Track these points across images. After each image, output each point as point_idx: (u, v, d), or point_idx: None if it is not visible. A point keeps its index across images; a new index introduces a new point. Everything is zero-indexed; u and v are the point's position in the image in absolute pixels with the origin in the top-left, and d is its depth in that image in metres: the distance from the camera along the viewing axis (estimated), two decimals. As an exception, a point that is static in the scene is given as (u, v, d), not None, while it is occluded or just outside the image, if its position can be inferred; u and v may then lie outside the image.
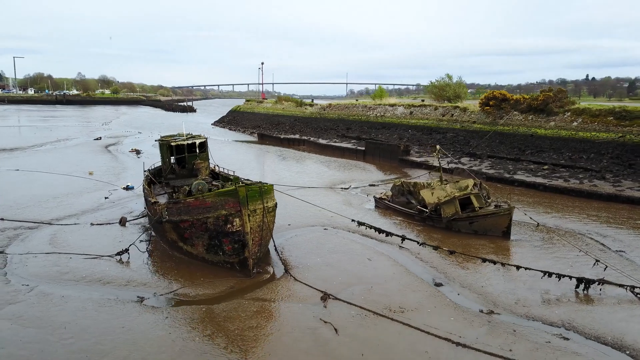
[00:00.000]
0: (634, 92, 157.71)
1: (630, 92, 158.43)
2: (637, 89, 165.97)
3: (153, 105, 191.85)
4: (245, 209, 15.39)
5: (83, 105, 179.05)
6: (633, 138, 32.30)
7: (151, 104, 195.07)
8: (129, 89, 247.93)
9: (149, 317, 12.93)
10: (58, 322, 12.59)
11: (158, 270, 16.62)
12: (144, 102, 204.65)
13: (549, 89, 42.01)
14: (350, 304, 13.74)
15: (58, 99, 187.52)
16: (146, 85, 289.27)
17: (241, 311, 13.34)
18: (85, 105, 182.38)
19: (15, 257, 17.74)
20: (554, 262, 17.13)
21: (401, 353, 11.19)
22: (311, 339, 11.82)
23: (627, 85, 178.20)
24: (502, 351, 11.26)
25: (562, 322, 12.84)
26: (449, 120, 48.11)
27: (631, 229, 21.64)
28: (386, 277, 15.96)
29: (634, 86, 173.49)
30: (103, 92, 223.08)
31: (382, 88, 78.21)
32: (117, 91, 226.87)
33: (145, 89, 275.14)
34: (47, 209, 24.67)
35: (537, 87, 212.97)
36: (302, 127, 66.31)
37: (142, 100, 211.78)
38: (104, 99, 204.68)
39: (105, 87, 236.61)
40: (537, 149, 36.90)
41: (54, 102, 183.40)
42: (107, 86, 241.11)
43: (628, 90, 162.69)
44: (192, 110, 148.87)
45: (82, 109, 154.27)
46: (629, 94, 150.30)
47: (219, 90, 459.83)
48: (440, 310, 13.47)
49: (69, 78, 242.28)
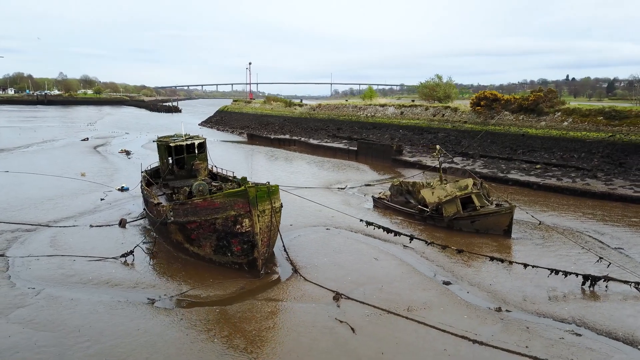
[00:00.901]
0: (612, 92, 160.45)
1: (609, 92, 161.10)
2: (616, 89, 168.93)
3: (137, 105, 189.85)
4: (255, 209, 15.37)
5: (65, 106, 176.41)
6: (623, 137, 32.94)
7: (135, 104, 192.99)
8: (112, 89, 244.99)
9: (164, 319, 12.84)
10: (71, 325, 12.44)
11: (165, 271, 16.49)
12: (128, 103, 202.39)
13: (539, 89, 42.63)
14: (363, 304, 13.80)
15: (39, 99, 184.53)
16: (129, 86, 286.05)
17: (255, 312, 13.32)
18: (67, 105, 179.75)
19: (17, 260, 17.46)
20: (557, 259, 17.39)
21: (421, 351, 11.29)
22: (330, 338, 11.86)
23: (606, 85, 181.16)
24: (519, 348, 11.43)
25: (573, 319, 13.07)
26: (440, 120, 48.51)
27: (627, 227, 22.08)
28: (395, 276, 16.07)
29: (612, 86, 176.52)
30: (85, 92, 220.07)
31: (371, 88, 78.64)
32: (100, 91, 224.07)
33: (128, 89, 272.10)
34: (43, 211, 24.31)
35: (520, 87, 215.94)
36: (291, 128, 66.24)
37: (126, 100, 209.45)
38: (87, 99, 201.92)
39: (87, 87, 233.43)
40: (528, 148, 37.41)
41: (35, 102, 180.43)
42: (90, 86, 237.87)
43: (607, 91, 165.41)
44: (177, 111, 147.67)
45: (64, 110, 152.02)
46: (608, 94, 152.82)
47: (203, 90, 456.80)
48: (453, 308, 13.61)
49: (50, 78, 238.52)
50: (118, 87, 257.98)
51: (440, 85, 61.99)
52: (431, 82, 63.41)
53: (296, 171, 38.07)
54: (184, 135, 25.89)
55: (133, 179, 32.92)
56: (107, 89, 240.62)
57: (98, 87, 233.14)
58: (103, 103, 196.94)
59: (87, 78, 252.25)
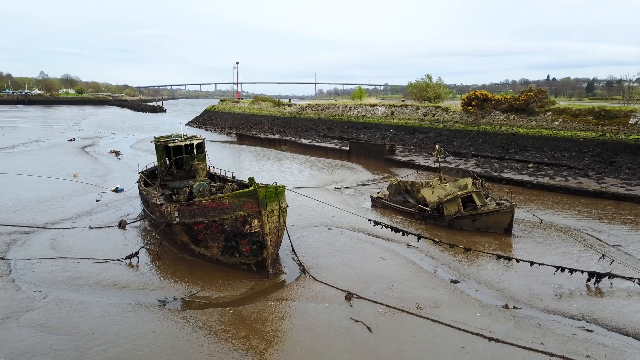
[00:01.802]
0: (592, 92, 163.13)
1: (589, 92, 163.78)
2: (595, 90, 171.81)
3: (120, 105, 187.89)
4: (265, 209, 15.35)
5: (46, 106, 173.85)
6: (613, 137, 33.57)
7: (118, 104, 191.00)
8: (95, 88, 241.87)
9: (178, 321, 12.75)
10: (85, 328, 12.30)
11: (172, 273, 16.36)
12: (111, 102, 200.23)
13: (529, 89, 43.19)
14: (375, 303, 13.87)
15: (19, 99, 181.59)
16: (111, 85, 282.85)
17: (270, 312, 13.30)
18: (48, 105, 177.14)
19: (19, 262, 17.20)
20: (559, 257, 17.67)
21: (439, 350, 11.39)
22: (347, 338, 11.90)
23: (586, 85, 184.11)
24: (535, 345, 11.60)
25: (583, 315, 13.30)
26: (431, 120, 48.87)
27: (622, 224, 22.51)
28: (403, 275, 16.17)
29: (592, 87, 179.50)
30: (67, 92, 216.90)
31: (361, 88, 78.73)
32: (82, 91, 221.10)
33: (110, 88, 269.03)
34: (39, 213, 23.95)
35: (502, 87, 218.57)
36: (281, 127, 66.12)
37: (109, 100, 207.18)
38: (69, 99, 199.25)
39: (69, 87, 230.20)
40: (520, 147, 37.91)
41: (15, 102, 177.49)
42: (71, 86, 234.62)
43: (587, 90, 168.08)
44: (162, 111, 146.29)
45: (46, 110, 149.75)
46: (588, 94, 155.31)
47: (186, 90, 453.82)
48: (465, 307, 13.75)
49: (30, 77, 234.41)
50: (100, 86, 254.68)
51: (430, 85, 62.48)
52: (421, 82, 63.86)
53: (291, 171, 38.04)
54: (182, 136, 25.69)
55: (127, 180, 32.63)
56: (89, 88, 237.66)
57: (80, 86, 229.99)
58: (85, 103, 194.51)
59: (69, 77, 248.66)
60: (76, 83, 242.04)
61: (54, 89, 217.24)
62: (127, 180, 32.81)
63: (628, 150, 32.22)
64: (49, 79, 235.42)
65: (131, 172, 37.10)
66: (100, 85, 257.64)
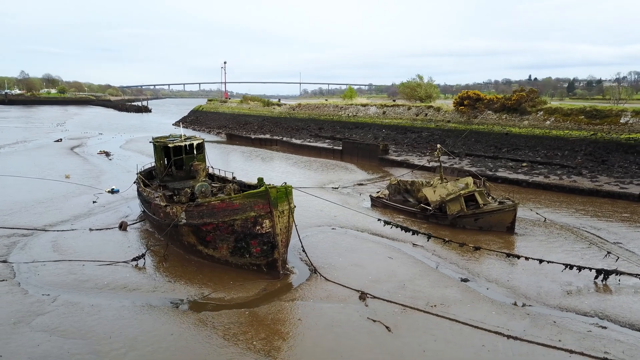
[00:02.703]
0: (573, 91, 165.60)
1: (570, 91, 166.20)
2: (576, 89, 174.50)
3: (104, 105, 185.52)
4: (276, 210, 15.28)
5: (27, 106, 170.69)
6: (604, 136, 34.12)
7: (102, 104, 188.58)
8: (77, 88, 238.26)
9: (194, 323, 12.63)
10: (100, 332, 12.11)
11: (181, 275, 16.20)
12: (94, 102, 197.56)
13: (520, 89, 43.67)
14: (390, 302, 13.89)
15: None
16: (93, 85, 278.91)
17: (286, 313, 13.25)
18: (29, 105, 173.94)
19: (22, 266, 16.89)
20: (565, 255, 17.89)
21: (460, 349, 11.44)
22: (368, 337, 11.90)
23: (567, 85, 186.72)
24: (553, 342, 11.72)
25: (595, 312, 13.48)
26: (423, 120, 49.15)
27: (620, 222, 22.87)
28: (413, 274, 16.23)
29: (572, 86, 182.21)
30: (49, 91, 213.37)
31: (352, 88, 78.85)
32: (65, 91, 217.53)
33: (92, 88, 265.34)
34: (35, 215, 23.55)
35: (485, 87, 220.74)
36: (271, 127, 65.92)
37: (92, 100, 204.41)
38: (51, 98, 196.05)
39: (50, 87, 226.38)
40: (513, 147, 38.33)
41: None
42: (53, 85, 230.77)
43: (568, 90, 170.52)
44: (147, 110, 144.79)
45: (27, 110, 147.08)
46: (569, 94, 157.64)
47: (170, 89, 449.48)
48: (479, 305, 13.84)
49: (10, 77, 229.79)
50: (83, 86, 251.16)
51: (421, 85, 62.86)
52: (412, 82, 64.23)
53: (286, 171, 37.93)
54: (181, 136, 25.44)
55: (121, 181, 32.24)
56: (71, 88, 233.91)
57: (62, 86, 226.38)
58: (68, 103, 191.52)
59: (50, 77, 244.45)
60: (58, 83, 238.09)
61: (35, 88, 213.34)
62: (121, 181, 32.40)
63: (620, 149, 32.77)
64: (29, 78, 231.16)
65: (124, 172, 36.70)
66: (82, 85, 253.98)
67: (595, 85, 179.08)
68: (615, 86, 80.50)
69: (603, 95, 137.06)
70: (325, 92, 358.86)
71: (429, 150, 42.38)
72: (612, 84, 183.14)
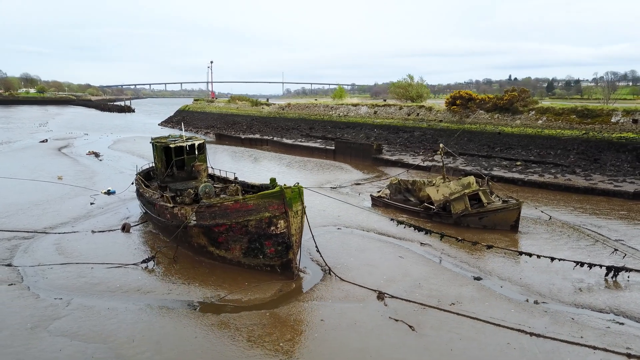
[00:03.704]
0: (552, 91, 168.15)
1: (549, 91, 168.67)
2: (555, 89, 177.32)
3: (85, 105, 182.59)
4: (291, 210, 15.22)
5: (6, 106, 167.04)
6: (596, 135, 34.72)
7: (83, 104, 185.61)
8: (57, 88, 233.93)
9: (216, 325, 12.51)
10: (122, 336, 11.91)
11: (194, 276, 16.02)
12: (74, 102, 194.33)
13: (512, 89, 44.19)
14: (409, 302, 13.93)
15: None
16: (73, 84, 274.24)
17: (307, 314, 13.20)
18: (8, 105, 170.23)
19: (28, 269, 16.55)
20: (572, 252, 18.13)
21: (486, 347, 11.51)
22: (393, 336, 11.92)
23: (546, 85, 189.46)
24: (575, 338, 11.88)
25: (610, 309, 13.70)
26: (415, 120, 49.41)
27: (619, 219, 23.28)
28: (426, 273, 16.30)
29: (552, 86, 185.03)
30: (28, 91, 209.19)
31: (341, 88, 78.95)
32: (44, 90, 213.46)
33: (72, 88, 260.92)
34: (33, 217, 23.09)
35: (466, 87, 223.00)
36: (260, 127, 65.63)
37: (72, 100, 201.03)
38: (30, 98, 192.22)
39: (29, 86, 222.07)
40: (506, 146, 38.77)
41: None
42: (31, 85, 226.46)
43: (547, 90, 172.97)
44: (130, 110, 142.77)
45: (6, 110, 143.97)
46: (549, 94, 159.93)
47: (151, 89, 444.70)
48: (497, 303, 13.96)
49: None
50: (63, 86, 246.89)
51: (412, 85, 63.28)
52: (403, 82, 64.62)
53: (282, 172, 37.79)
54: (183, 137, 25.18)
55: (115, 182, 31.82)
56: (51, 88, 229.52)
57: (42, 86, 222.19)
58: (48, 103, 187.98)
59: (29, 76, 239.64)
60: (37, 82, 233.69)
61: (13, 88, 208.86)
62: (116, 182, 31.99)
63: (611, 147, 33.38)
64: (7, 77, 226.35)
65: (117, 173, 36.23)
66: (62, 85, 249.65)
67: (574, 85, 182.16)
68: (606, 86, 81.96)
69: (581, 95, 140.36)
70: (308, 92, 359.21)
71: (422, 150, 42.67)
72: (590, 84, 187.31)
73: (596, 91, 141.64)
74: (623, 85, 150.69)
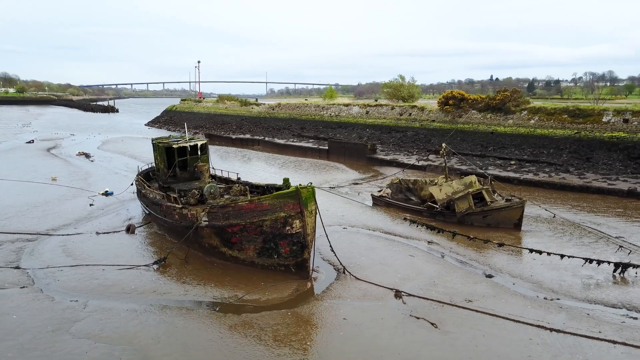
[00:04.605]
0: (533, 91, 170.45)
1: (530, 91, 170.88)
2: (536, 89, 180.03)
3: (66, 105, 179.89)
4: (306, 210, 15.28)
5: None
6: (588, 134, 35.41)
7: (64, 104, 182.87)
8: (37, 87, 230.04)
9: (240, 325, 12.51)
10: (146, 337, 11.86)
11: (208, 277, 15.98)
12: (56, 102, 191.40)
13: (504, 89, 44.81)
14: (427, 300, 14.08)
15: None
16: (53, 84, 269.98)
17: (329, 313, 13.27)
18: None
19: (37, 271, 16.34)
20: (577, 249, 18.50)
21: (510, 342, 11.70)
22: (418, 333, 12.06)
23: (527, 85, 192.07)
24: (594, 333, 12.14)
25: (622, 304, 14.01)
26: (407, 119, 49.77)
27: (616, 217, 23.79)
28: (439, 271, 16.47)
29: (532, 86, 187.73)
30: (7, 91, 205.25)
31: (332, 88, 79.06)
32: (24, 90, 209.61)
33: (52, 87, 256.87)
34: (34, 219, 22.77)
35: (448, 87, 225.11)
36: (250, 127, 65.45)
37: (53, 99, 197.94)
38: (9, 98, 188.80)
39: (8, 86, 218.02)
40: (499, 145, 39.30)
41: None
42: (10, 84, 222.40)
43: (528, 90, 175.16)
44: (114, 111, 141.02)
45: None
46: (529, 94, 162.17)
47: (133, 89, 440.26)
48: (512, 300, 14.18)
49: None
50: (43, 85, 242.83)
51: (404, 85, 63.74)
52: (395, 82, 65.06)
53: (278, 172, 37.77)
54: (185, 137, 25.04)
55: (110, 183, 31.55)
56: (31, 87, 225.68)
57: (21, 85, 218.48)
58: (28, 103, 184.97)
59: (7, 76, 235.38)
60: (16, 82, 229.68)
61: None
62: (111, 183, 31.69)
63: (603, 146, 34.08)
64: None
65: (111, 174, 35.88)
66: (42, 84, 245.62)
67: (554, 86, 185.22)
68: (596, 87, 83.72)
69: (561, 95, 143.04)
70: (292, 92, 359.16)
71: (416, 150, 43.01)
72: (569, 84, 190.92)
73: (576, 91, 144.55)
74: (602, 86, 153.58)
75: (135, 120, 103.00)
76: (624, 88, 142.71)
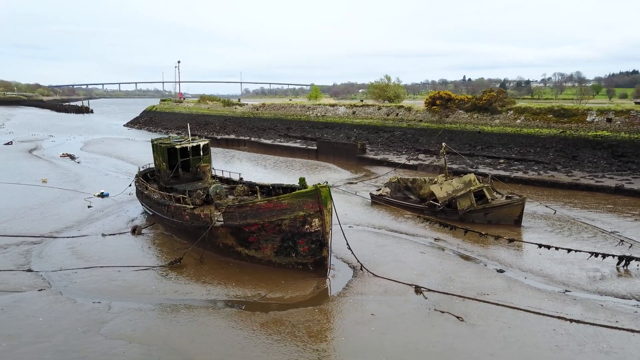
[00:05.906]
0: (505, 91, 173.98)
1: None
2: (507, 89, 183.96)
3: (37, 105, 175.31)
4: (326, 208, 15.50)
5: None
6: (573, 133, 36.54)
7: (35, 105, 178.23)
8: (5, 87, 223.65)
9: (270, 322, 12.65)
10: (180, 337, 11.92)
11: (227, 276, 16.05)
12: (25, 103, 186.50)
13: (490, 89, 45.79)
14: (447, 294, 14.46)
15: None
16: (21, 84, 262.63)
17: (355, 309, 13.51)
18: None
19: (51, 274, 16.16)
20: (578, 243, 19.16)
21: (536, 333, 12.15)
22: (447, 327, 12.41)
23: (499, 85, 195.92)
24: (612, 323, 12.70)
25: (632, 295, 14.66)
26: (394, 119, 50.38)
27: (608, 213, 24.68)
28: (453, 267, 16.90)
29: (504, 86, 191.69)
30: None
31: (317, 88, 79.26)
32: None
33: (20, 87, 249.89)
34: (34, 222, 22.44)
35: (422, 87, 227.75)
36: (235, 127, 65.18)
37: (23, 100, 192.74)
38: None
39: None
40: (486, 144, 40.18)
41: None
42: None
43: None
44: (88, 111, 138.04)
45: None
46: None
47: (104, 89, 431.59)
48: (528, 293, 14.68)
49: None
50: (12, 85, 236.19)
51: (389, 85, 64.42)
52: (381, 83, 65.70)
53: (272, 172, 37.84)
54: (185, 138, 24.93)
55: (104, 185, 31.26)
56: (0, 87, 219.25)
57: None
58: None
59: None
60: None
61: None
62: (104, 184, 31.38)
63: (588, 145, 35.22)
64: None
65: (101, 176, 35.43)
66: (11, 84, 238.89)
67: (524, 86, 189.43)
68: (580, 87, 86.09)
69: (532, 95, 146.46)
70: (267, 92, 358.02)
71: (405, 149, 43.59)
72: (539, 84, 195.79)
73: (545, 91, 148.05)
74: (569, 86, 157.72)
75: (113, 121, 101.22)
76: (591, 89, 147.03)
